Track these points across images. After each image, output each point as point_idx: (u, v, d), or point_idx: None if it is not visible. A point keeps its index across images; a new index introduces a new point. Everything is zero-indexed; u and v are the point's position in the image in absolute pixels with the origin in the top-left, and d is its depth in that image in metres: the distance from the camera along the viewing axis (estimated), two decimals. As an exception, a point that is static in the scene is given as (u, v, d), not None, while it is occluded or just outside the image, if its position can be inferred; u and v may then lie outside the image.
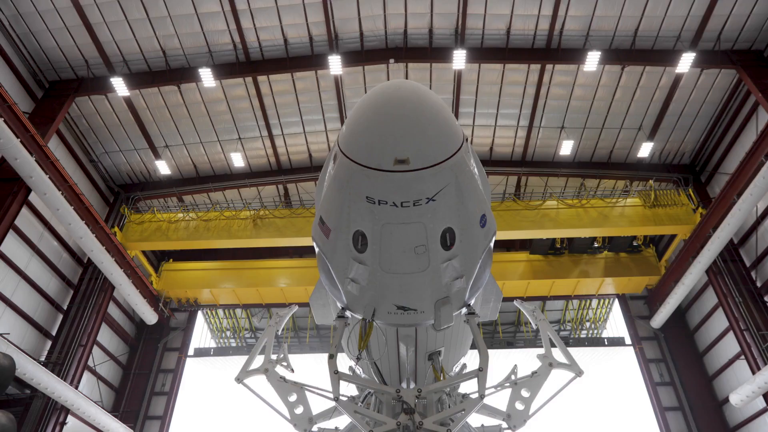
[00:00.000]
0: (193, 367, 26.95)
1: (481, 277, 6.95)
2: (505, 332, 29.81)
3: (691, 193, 23.11)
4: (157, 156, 24.44)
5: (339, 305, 7.29)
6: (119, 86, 20.82)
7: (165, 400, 25.32)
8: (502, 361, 25.53)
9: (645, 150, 23.76)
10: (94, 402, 20.48)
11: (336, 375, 7.81)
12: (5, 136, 15.82)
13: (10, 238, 18.26)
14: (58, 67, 21.13)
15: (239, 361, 25.68)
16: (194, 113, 23.28)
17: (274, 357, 10.23)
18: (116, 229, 23.08)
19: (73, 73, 21.36)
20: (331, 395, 8.41)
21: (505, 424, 9.33)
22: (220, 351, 28.46)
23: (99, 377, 23.28)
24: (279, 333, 11.14)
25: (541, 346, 9.93)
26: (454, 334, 9.55)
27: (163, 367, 26.27)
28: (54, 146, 20.35)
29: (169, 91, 22.33)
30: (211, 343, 29.21)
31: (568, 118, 23.58)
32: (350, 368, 11.20)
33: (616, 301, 27.34)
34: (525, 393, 9.23)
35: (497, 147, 25.22)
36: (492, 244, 6.20)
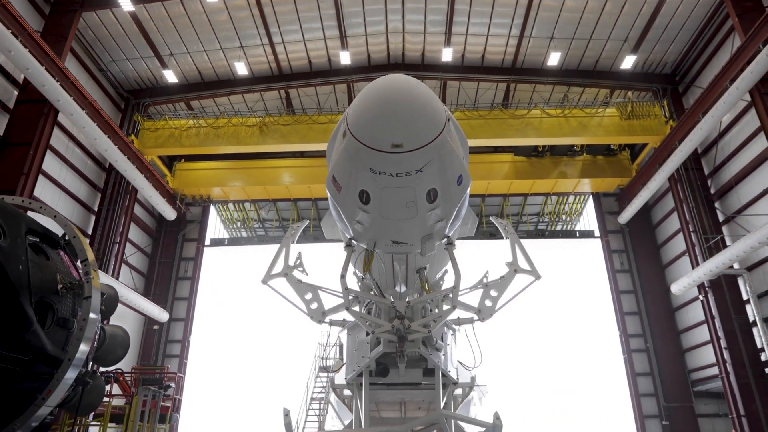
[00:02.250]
0: (210, 255, 30.41)
1: (458, 217, 9.49)
2: (488, 224, 32.97)
3: (666, 106, 24.81)
4: (164, 65, 25.45)
5: (347, 236, 9.84)
6: (124, 0, 21.39)
7: (189, 284, 29.03)
8: (486, 249, 28.93)
9: (628, 62, 24.95)
10: (132, 289, 23.97)
11: (346, 290, 10.97)
12: (32, 66, 17.17)
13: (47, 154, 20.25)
14: (62, -20, 21.47)
15: (250, 249, 29.62)
16: (197, 23, 23.89)
17: (291, 263, 13.20)
18: (133, 137, 24.91)
19: (77, -14, 21.75)
20: (339, 294, 11.66)
21: (476, 317, 12.51)
22: (233, 241, 31.76)
23: (131, 266, 26.62)
24: (293, 242, 13.86)
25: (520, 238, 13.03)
26: (436, 255, 12.28)
27: (184, 256, 29.63)
28: (66, 58, 21.44)
29: (172, 4, 22.81)
30: (225, 234, 32.37)
31: (558, 28, 24.37)
32: (355, 273, 14.06)
33: (591, 198, 30.18)
34: (493, 293, 12.22)
35: (489, 54, 26.20)
36: (467, 194, 8.62)
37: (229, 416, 25.93)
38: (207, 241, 30.51)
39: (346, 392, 18.39)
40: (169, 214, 27.08)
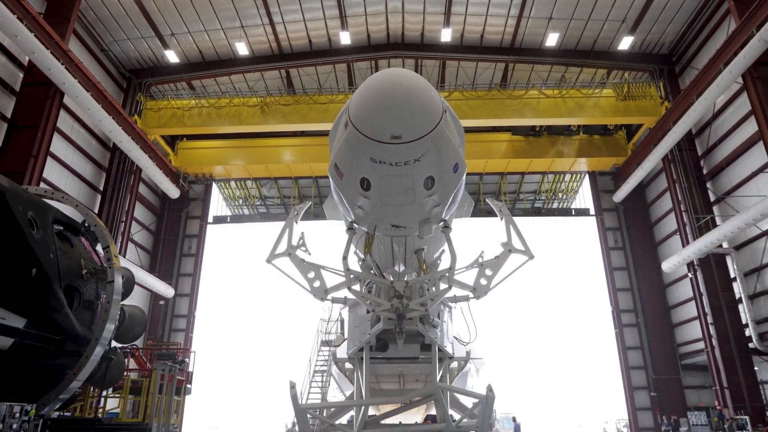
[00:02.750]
0: (213, 232, 31.08)
1: (455, 202, 10.09)
2: (486, 202, 33.59)
3: (662, 87, 25.13)
4: (165, 45, 25.63)
5: (349, 220, 10.43)
6: (124, -19, 21.53)
7: (193, 261, 29.74)
8: (484, 226, 29.60)
9: (626, 43, 25.15)
10: (138, 266, 24.66)
11: (348, 271, 11.70)
12: (38, 50, 17.49)
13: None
14: (62, -40, 21.51)
15: (252, 226, 30.27)
16: (197, 2, 23.94)
17: (294, 243, 13.87)
18: (136, 117, 25.27)
19: (76, -35, 21.79)
20: (341, 273, 12.39)
21: (471, 295, 13.20)
22: (236, 218, 32.40)
23: (136, 244, 27.27)
24: (296, 222, 14.45)
25: (515, 216, 13.66)
26: (433, 237, 12.89)
27: (187, 233, 30.26)
28: (69, 40, 21.65)
29: (172, -17, 22.93)
30: (227, 212, 32.95)
31: (556, 8, 24.48)
32: (356, 254, 14.69)
33: (587, 176, 30.69)
34: (488, 272, 12.89)
35: (487, 35, 26.34)
36: (463, 181, 9.15)
37: (234, 387, 26.97)
38: (210, 219, 31.12)
39: (348, 365, 19.28)
40: (173, 192, 27.60)
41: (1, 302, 6.37)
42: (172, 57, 26.27)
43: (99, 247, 9.19)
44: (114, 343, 9.23)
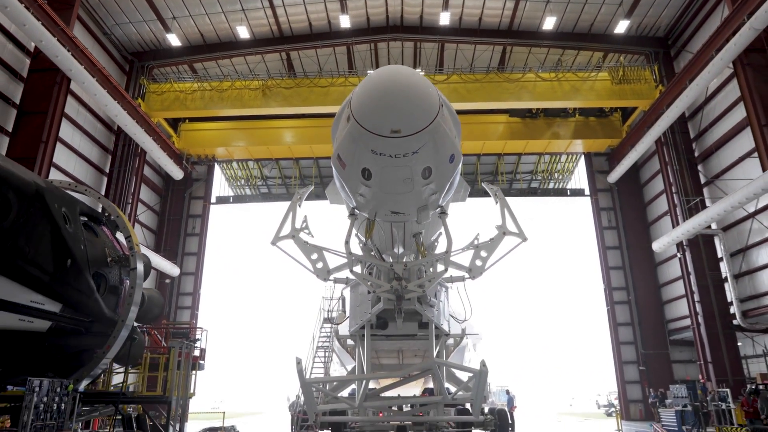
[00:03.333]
0: (216, 212, 31.81)
1: (451, 189, 10.77)
2: (484, 180, 34.15)
3: (656, 70, 25.55)
4: (166, 28, 25.90)
5: (350, 206, 11.11)
6: (126, -34, 21.75)
7: (197, 240, 30.47)
8: (480, 205, 30.33)
9: (622, 26, 25.48)
10: (144, 246, 25.38)
11: (350, 255, 12.55)
12: (46, 38, 17.89)
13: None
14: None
15: (254, 206, 31.31)
16: (197, -15, 24.27)
17: (298, 226, 14.64)
18: (140, 100, 25.71)
19: (77, -51, 21.97)
20: (343, 254, 13.22)
21: (467, 275, 13.99)
22: (238, 198, 33.08)
23: (142, 224, 27.95)
24: (299, 206, 15.11)
25: (512, 196, 14.37)
26: (431, 221, 13.59)
27: (191, 213, 30.92)
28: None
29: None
30: (229, 192, 33.58)
31: (554, -9, 24.78)
32: (357, 236, 15.42)
33: (582, 157, 31.26)
34: (483, 253, 13.65)
35: (486, 18, 26.61)
36: (459, 170, 9.70)
37: (238, 362, 27.93)
38: (213, 199, 31.76)
39: (349, 342, 20.26)
40: (177, 173, 28.18)
41: (40, 289, 7.08)
42: (173, 40, 26.58)
43: (119, 235, 9.89)
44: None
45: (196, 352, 12.16)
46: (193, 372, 11.27)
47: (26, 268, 6.52)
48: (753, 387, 16.48)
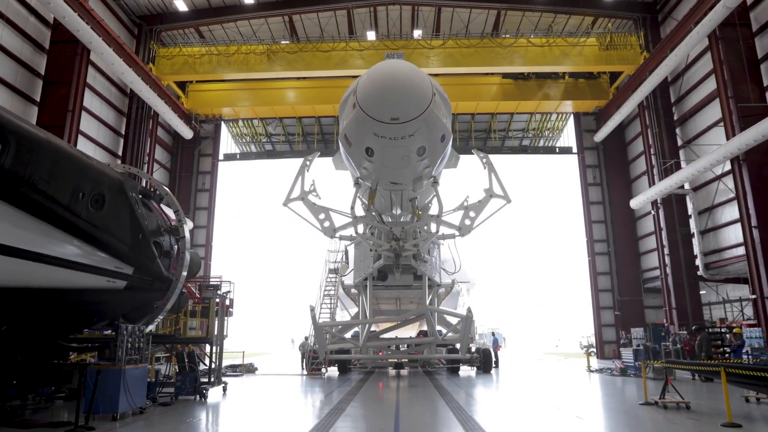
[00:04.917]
0: (224, 169, 33.62)
1: (442, 163, 12.80)
2: (477, 138, 35.84)
3: (642, 36, 26.82)
4: (173, -7, 26.89)
5: (355, 176, 13.09)
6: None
7: (207, 195, 32.42)
8: (474, 163, 32.21)
9: (612, -8, 26.58)
10: (162, 203, 27.34)
11: (355, 218, 14.76)
12: (68, 14, 19.18)
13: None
14: None
15: (260, 163, 33.61)
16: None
17: (306, 189, 16.78)
18: (150, 64, 27.00)
19: None
20: (347, 214, 15.54)
21: (457, 233, 16.21)
22: (244, 155, 34.81)
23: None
24: (307, 170, 16.98)
25: (504, 153, 16.51)
26: (425, 189, 15.64)
27: (201, 170, 32.71)
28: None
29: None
30: (236, 149, 35.25)
31: (547, -42, 25.69)
32: (360, 199, 17.38)
33: (572, 116, 32.84)
34: (472, 214, 15.85)
35: (481, -18, 27.59)
36: (449, 147, 11.47)
37: (249, 307, 30.54)
38: (220, 156, 33.48)
39: (353, 291, 22.82)
40: (186, 133, 29.77)
41: (119, 257, 9.17)
42: (180, 4, 27.57)
43: (163, 206, 11.91)
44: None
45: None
46: (227, 318, 13.53)
47: (116, 243, 8.57)
48: (695, 327, 18.98)
